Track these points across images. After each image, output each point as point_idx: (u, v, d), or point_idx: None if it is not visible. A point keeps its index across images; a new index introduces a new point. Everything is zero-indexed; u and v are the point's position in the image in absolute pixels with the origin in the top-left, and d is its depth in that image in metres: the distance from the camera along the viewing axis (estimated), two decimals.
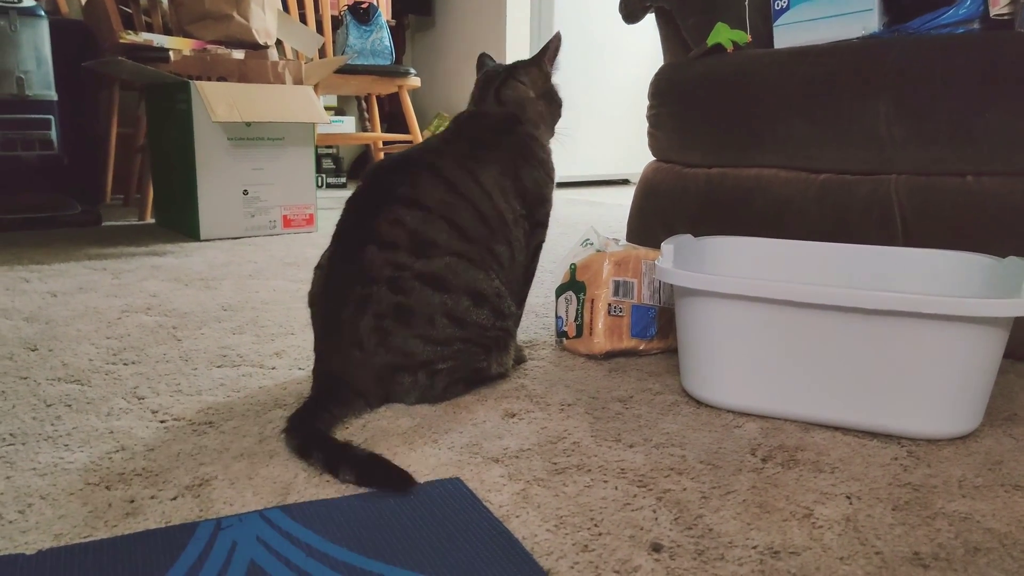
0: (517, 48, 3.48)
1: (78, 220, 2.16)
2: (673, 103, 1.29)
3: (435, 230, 0.81)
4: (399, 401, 0.82)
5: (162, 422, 0.77)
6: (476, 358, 0.84)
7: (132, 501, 0.61)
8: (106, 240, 1.93)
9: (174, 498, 0.61)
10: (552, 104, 0.99)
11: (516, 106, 0.95)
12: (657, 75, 1.33)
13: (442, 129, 0.96)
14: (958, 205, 1.00)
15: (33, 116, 2.03)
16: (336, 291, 0.81)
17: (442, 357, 0.81)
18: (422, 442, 0.73)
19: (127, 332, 1.10)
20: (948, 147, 1.00)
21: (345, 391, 0.79)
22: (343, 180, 3.69)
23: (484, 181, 0.86)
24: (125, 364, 0.95)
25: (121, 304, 1.26)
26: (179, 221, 2.07)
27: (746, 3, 1.30)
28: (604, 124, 3.67)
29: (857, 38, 1.13)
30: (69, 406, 0.81)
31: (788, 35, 1.23)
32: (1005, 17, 1.04)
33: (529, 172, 0.92)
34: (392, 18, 3.50)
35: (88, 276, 1.48)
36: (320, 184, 3.61)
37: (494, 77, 0.97)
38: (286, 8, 2.68)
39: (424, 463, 0.69)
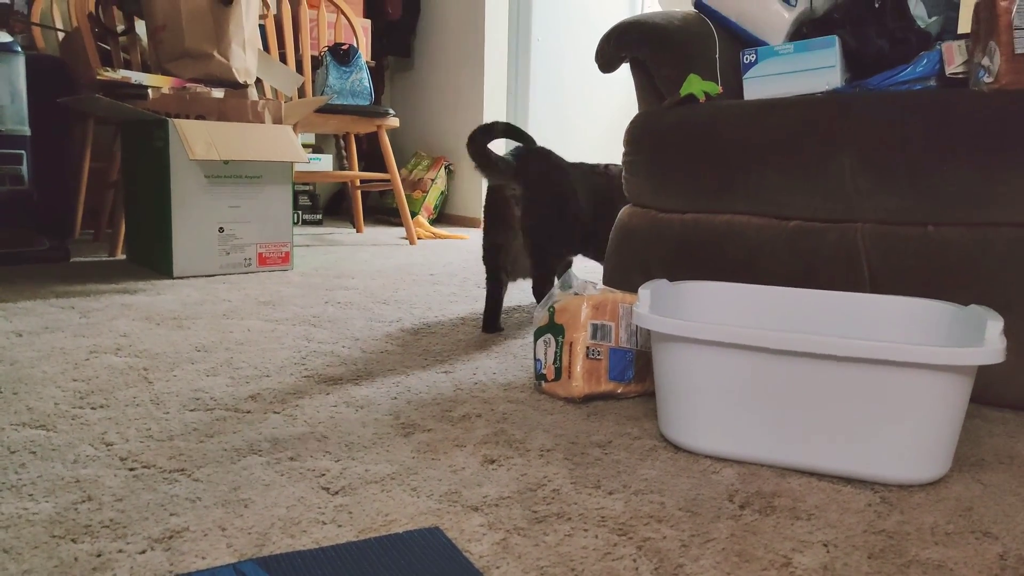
0: (494, 91, 3.54)
1: (46, 256, 2.12)
2: (648, 150, 1.32)
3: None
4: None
5: (131, 470, 0.75)
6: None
7: (99, 555, 0.59)
8: (75, 277, 1.90)
9: (143, 552, 0.60)
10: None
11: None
12: (632, 123, 1.36)
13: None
14: (920, 254, 1.03)
15: (4, 151, 2.01)
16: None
17: None
18: (400, 490, 0.73)
19: (95, 374, 1.08)
20: (909, 198, 1.04)
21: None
22: (319, 217, 3.69)
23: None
24: (93, 408, 0.93)
25: (89, 344, 1.24)
26: (151, 258, 2.04)
27: (717, 56, 1.35)
28: None
29: (821, 92, 1.18)
30: (34, 453, 0.79)
31: (757, 88, 1.27)
32: (960, 76, 1.09)
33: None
34: (372, 59, 3.54)
35: (55, 315, 1.45)
36: (296, 221, 3.60)
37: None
38: (266, 48, 2.70)
39: (402, 511, 0.68)
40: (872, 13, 1.22)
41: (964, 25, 1.07)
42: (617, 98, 3.87)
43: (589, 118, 3.79)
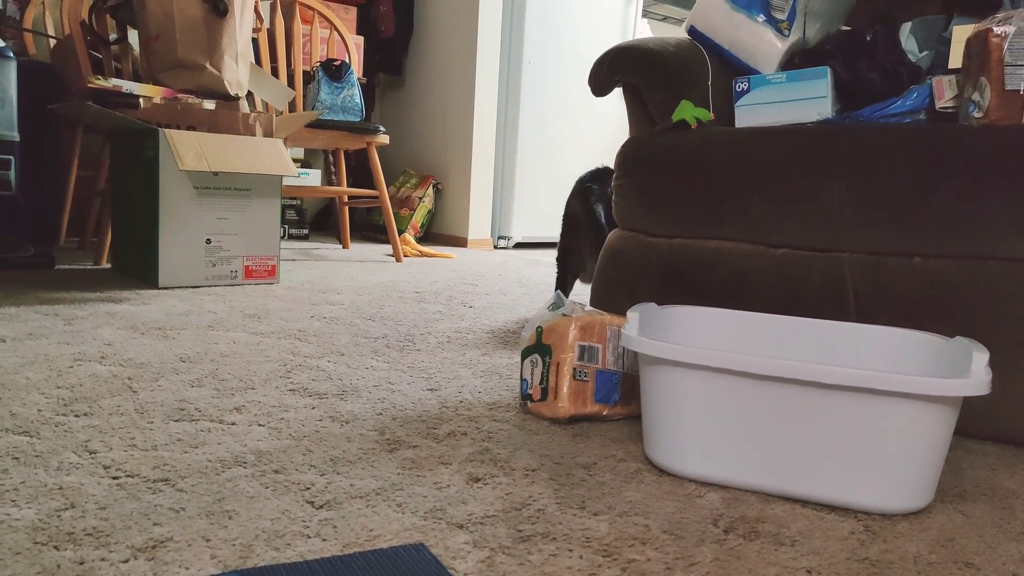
0: (484, 112, 3.56)
1: (31, 262, 2.10)
2: (638, 174, 1.33)
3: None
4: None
5: (115, 478, 0.75)
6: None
7: (82, 563, 0.58)
8: (59, 284, 1.88)
9: (126, 560, 0.59)
10: None
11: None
12: (624, 147, 1.38)
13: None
14: (906, 285, 1.05)
15: None
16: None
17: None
18: (385, 505, 0.72)
19: (79, 382, 1.06)
20: (896, 229, 1.05)
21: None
22: (306, 231, 3.68)
23: None
24: (77, 416, 0.92)
25: (73, 352, 1.23)
26: (137, 267, 2.03)
27: (710, 83, 1.37)
28: (566, 188, 3.76)
29: (812, 122, 1.20)
30: (17, 459, 0.78)
31: (748, 115, 1.29)
32: (949, 110, 1.11)
33: None
34: (363, 76, 3.56)
35: (39, 321, 1.44)
36: (283, 235, 3.59)
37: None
38: (259, 61, 2.71)
39: (387, 527, 0.68)
40: (864, 46, 1.24)
41: (955, 60, 1.09)
42: (608, 122, 3.91)
43: (579, 141, 3.83)
